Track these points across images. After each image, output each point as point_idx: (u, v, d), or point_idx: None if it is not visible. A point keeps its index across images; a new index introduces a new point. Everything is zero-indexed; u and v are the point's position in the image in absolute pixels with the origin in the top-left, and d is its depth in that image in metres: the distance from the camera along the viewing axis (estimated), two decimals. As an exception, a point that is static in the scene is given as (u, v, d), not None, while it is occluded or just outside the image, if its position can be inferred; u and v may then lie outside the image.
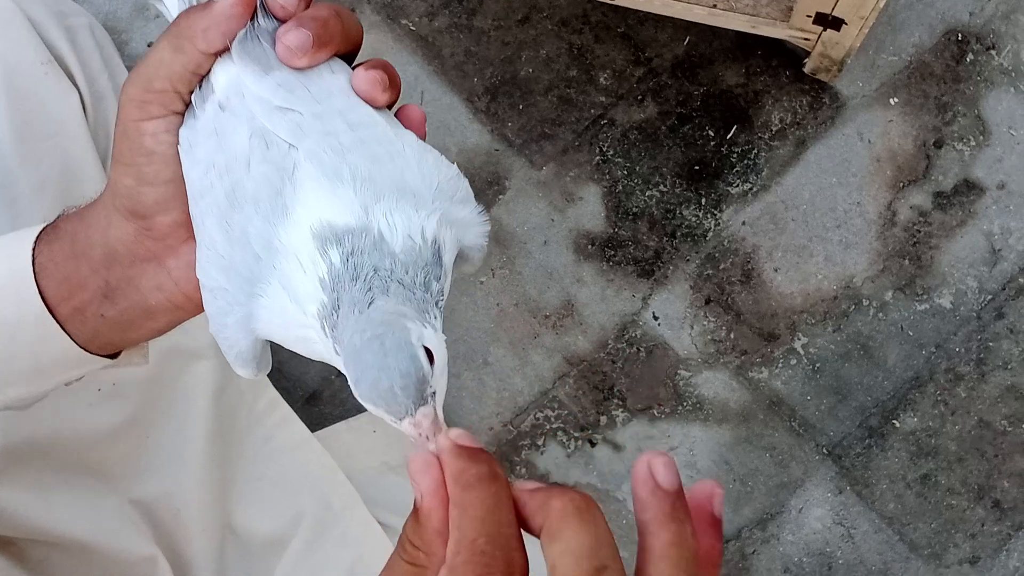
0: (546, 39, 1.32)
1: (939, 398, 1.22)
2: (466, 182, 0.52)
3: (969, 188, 1.25)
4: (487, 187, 1.30)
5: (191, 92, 0.52)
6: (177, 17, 0.51)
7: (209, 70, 0.51)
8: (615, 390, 1.26)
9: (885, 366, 1.23)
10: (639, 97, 1.30)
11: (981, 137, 1.26)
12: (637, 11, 1.22)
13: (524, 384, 1.26)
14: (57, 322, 0.56)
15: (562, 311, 1.27)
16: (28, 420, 0.83)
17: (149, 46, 1.36)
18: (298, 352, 0.50)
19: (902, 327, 1.24)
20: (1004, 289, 1.23)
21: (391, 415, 0.46)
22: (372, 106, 0.52)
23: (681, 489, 0.44)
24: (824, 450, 1.23)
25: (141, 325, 0.57)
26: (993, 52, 1.27)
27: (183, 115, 0.52)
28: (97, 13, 1.35)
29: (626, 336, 1.27)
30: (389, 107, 0.53)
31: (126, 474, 0.89)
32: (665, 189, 1.28)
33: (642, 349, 1.26)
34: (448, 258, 0.50)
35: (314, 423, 1.04)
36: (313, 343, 0.49)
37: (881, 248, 1.25)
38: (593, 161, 1.30)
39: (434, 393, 0.46)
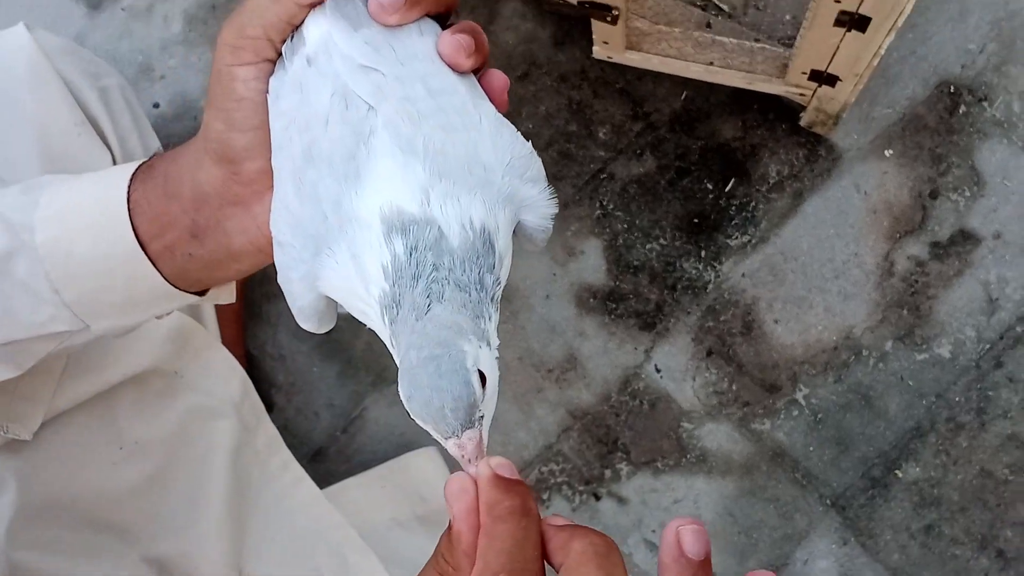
0: (546, 95, 1.36)
1: (940, 448, 1.24)
2: (539, 161, 0.54)
3: (965, 238, 1.28)
4: (489, 242, 1.33)
5: (283, 41, 0.54)
6: None
7: (302, 21, 0.53)
8: (619, 443, 1.29)
9: (886, 416, 1.26)
10: (638, 151, 1.34)
11: (976, 188, 1.29)
12: (635, 67, 1.26)
13: (528, 438, 1.28)
14: (149, 259, 0.59)
15: (565, 365, 1.30)
16: (48, 478, 0.85)
17: (155, 107, 1.39)
18: (355, 316, 0.52)
19: (902, 377, 1.26)
20: (1002, 338, 1.26)
21: (438, 433, 0.48)
22: (456, 71, 0.53)
23: (708, 560, 0.46)
24: (828, 501, 1.25)
25: (227, 266, 0.60)
26: (985, 104, 1.31)
27: (275, 63, 0.54)
28: (101, 74, 1.39)
29: (629, 389, 1.29)
30: (476, 71, 0.55)
31: (145, 532, 0.91)
32: (665, 242, 1.32)
33: (645, 402, 1.29)
34: (503, 243, 0.51)
35: (320, 479, 1.06)
36: (371, 321, 0.51)
37: (880, 298, 1.28)
38: (594, 215, 1.33)
39: (482, 417, 0.49)
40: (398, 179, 0.50)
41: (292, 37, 0.54)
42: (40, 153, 0.89)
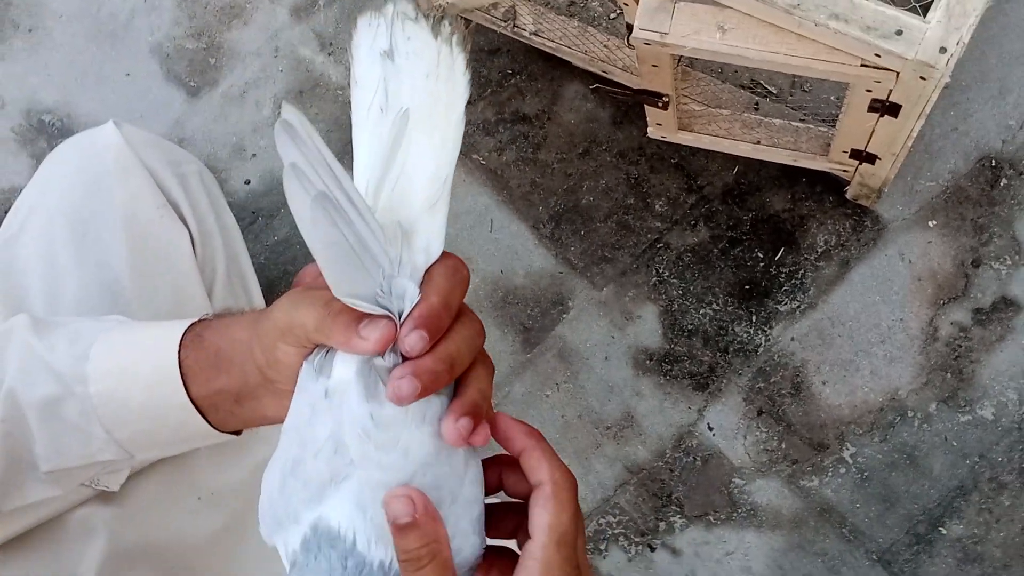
0: (605, 170, 1.39)
1: (983, 506, 1.23)
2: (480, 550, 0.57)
3: (1007, 305, 1.28)
4: (552, 307, 1.36)
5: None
6: (332, 306, 0.54)
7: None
8: (673, 497, 1.29)
9: (931, 475, 1.25)
10: (692, 222, 1.36)
11: (1017, 257, 1.28)
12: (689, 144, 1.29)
13: (587, 491, 1.30)
14: (199, 412, 0.63)
15: (623, 422, 1.31)
16: (134, 526, 0.89)
17: (246, 183, 1.45)
18: None
19: (946, 438, 1.25)
20: (1044, 401, 1.24)
21: None
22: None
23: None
24: (874, 556, 1.24)
25: (261, 422, 0.65)
26: (1026, 177, 1.31)
27: (313, 349, 0.56)
28: (200, 154, 1.46)
29: (683, 446, 1.30)
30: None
31: (223, 576, 0.94)
32: (718, 307, 1.33)
33: (698, 458, 1.30)
34: None
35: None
36: None
37: (924, 362, 1.28)
38: (650, 282, 1.35)
39: None
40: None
41: (327, 351, 0.56)
42: (127, 236, 0.95)
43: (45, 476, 0.68)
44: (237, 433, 0.67)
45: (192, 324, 0.65)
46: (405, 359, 0.53)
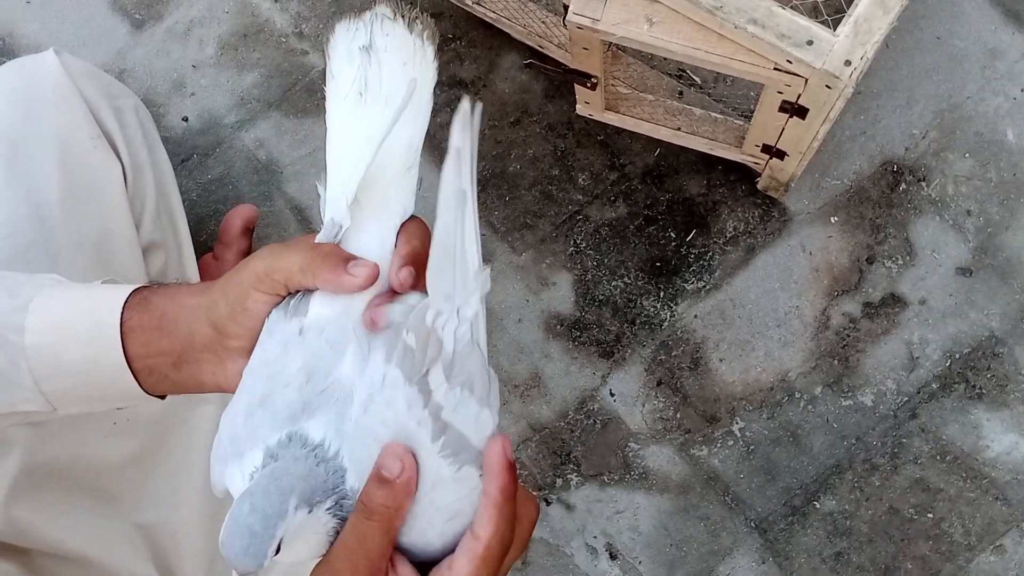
0: (534, 141, 1.41)
1: (855, 485, 1.29)
2: None
3: (895, 301, 1.33)
4: (471, 267, 1.37)
5: (296, 291, 0.60)
6: (320, 248, 0.58)
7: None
8: (571, 456, 1.33)
9: (810, 453, 1.30)
10: (612, 198, 1.39)
11: (908, 257, 1.34)
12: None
13: (490, 445, 1.33)
14: (132, 373, 0.64)
15: (530, 382, 1.35)
16: (50, 444, 0.90)
17: (184, 120, 1.44)
18: None
19: (828, 419, 1.31)
20: (919, 393, 1.30)
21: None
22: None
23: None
24: (752, 523, 1.30)
25: (193, 389, 0.65)
26: (923, 184, 1.36)
27: (285, 297, 0.60)
28: (139, 88, 1.44)
29: (585, 409, 1.34)
30: None
31: (132, 500, 0.95)
32: (629, 281, 1.36)
33: (598, 421, 1.34)
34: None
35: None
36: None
37: (814, 348, 1.33)
38: (567, 251, 1.38)
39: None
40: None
41: (302, 295, 0.59)
42: (60, 164, 0.94)
43: None
44: (163, 397, 0.67)
45: (138, 288, 0.65)
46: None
